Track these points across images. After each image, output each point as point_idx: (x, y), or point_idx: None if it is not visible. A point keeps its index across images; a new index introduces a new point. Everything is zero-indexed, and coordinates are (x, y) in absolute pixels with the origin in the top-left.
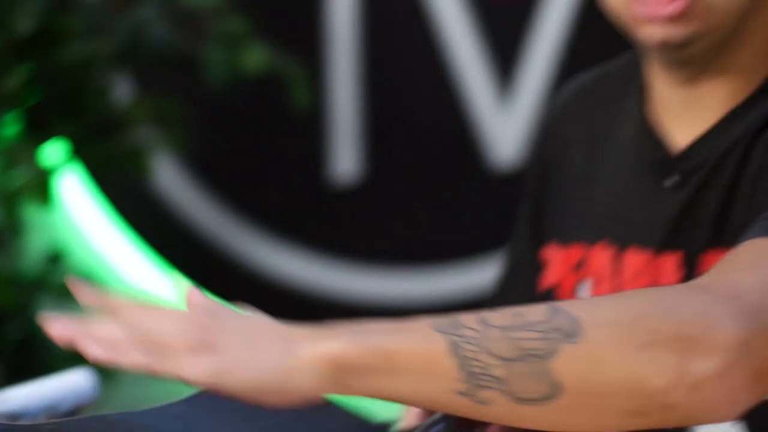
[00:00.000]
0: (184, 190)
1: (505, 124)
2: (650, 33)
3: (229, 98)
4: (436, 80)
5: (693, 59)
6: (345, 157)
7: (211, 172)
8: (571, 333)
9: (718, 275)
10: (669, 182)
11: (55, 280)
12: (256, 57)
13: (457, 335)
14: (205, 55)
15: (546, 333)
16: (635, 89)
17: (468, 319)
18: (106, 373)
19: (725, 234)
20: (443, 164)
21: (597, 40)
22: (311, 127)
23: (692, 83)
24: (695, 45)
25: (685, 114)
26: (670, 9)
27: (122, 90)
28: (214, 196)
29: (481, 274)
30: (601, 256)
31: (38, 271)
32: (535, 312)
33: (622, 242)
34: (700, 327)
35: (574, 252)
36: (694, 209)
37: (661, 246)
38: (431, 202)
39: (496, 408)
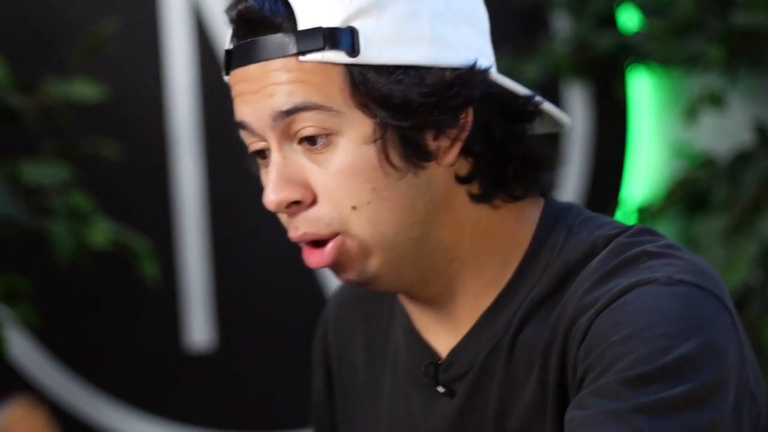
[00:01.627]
0: (39, 362)
1: None
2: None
3: (78, 271)
4: (285, 246)
5: (399, 290)
6: (198, 325)
7: (65, 344)
8: None
9: None
10: (439, 390)
11: None
12: (101, 232)
13: None
14: (50, 230)
15: None
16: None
17: None
18: None
19: None
20: (295, 328)
21: None
22: (163, 297)
23: (425, 303)
24: (382, 280)
25: (438, 323)
26: (320, 261)
27: None
28: (69, 367)
29: None
30: None
31: None
32: None
33: None
34: None
35: None
36: (469, 416)
37: None
38: (284, 366)
39: None
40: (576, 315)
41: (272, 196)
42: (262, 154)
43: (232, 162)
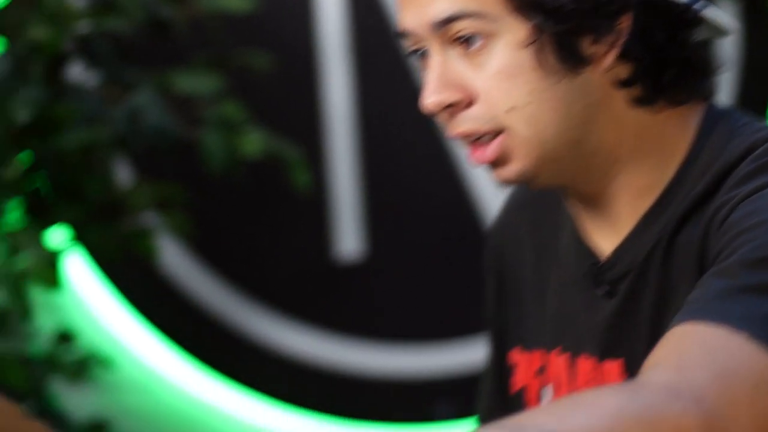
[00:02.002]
0: (190, 270)
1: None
2: (490, 174)
3: (229, 180)
4: (436, 157)
5: (558, 186)
6: (347, 235)
7: (216, 252)
8: None
9: (655, 371)
10: (600, 291)
11: (66, 360)
12: (253, 142)
13: None
14: (202, 140)
15: None
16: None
17: None
18: None
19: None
20: (445, 240)
21: None
22: (313, 207)
23: (587, 203)
24: (541, 178)
25: (601, 224)
26: (484, 157)
27: (122, 175)
28: (219, 275)
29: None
30: (557, 362)
31: (49, 351)
32: None
33: (574, 349)
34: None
35: (536, 358)
36: (627, 316)
37: (603, 353)
38: (434, 278)
39: None
40: (717, 210)
41: (430, 98)
42: (423, 54)
43: (381, 70)
